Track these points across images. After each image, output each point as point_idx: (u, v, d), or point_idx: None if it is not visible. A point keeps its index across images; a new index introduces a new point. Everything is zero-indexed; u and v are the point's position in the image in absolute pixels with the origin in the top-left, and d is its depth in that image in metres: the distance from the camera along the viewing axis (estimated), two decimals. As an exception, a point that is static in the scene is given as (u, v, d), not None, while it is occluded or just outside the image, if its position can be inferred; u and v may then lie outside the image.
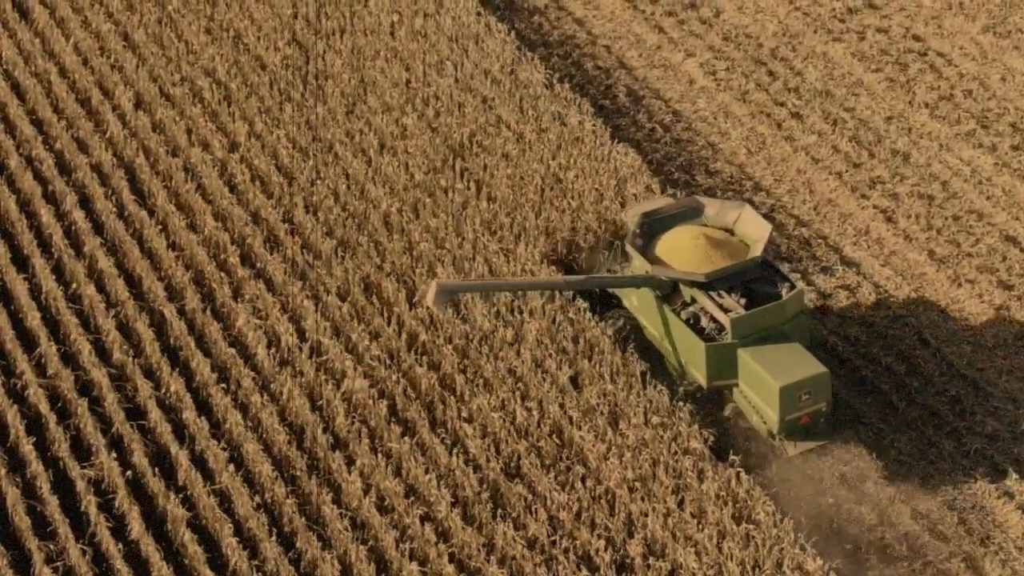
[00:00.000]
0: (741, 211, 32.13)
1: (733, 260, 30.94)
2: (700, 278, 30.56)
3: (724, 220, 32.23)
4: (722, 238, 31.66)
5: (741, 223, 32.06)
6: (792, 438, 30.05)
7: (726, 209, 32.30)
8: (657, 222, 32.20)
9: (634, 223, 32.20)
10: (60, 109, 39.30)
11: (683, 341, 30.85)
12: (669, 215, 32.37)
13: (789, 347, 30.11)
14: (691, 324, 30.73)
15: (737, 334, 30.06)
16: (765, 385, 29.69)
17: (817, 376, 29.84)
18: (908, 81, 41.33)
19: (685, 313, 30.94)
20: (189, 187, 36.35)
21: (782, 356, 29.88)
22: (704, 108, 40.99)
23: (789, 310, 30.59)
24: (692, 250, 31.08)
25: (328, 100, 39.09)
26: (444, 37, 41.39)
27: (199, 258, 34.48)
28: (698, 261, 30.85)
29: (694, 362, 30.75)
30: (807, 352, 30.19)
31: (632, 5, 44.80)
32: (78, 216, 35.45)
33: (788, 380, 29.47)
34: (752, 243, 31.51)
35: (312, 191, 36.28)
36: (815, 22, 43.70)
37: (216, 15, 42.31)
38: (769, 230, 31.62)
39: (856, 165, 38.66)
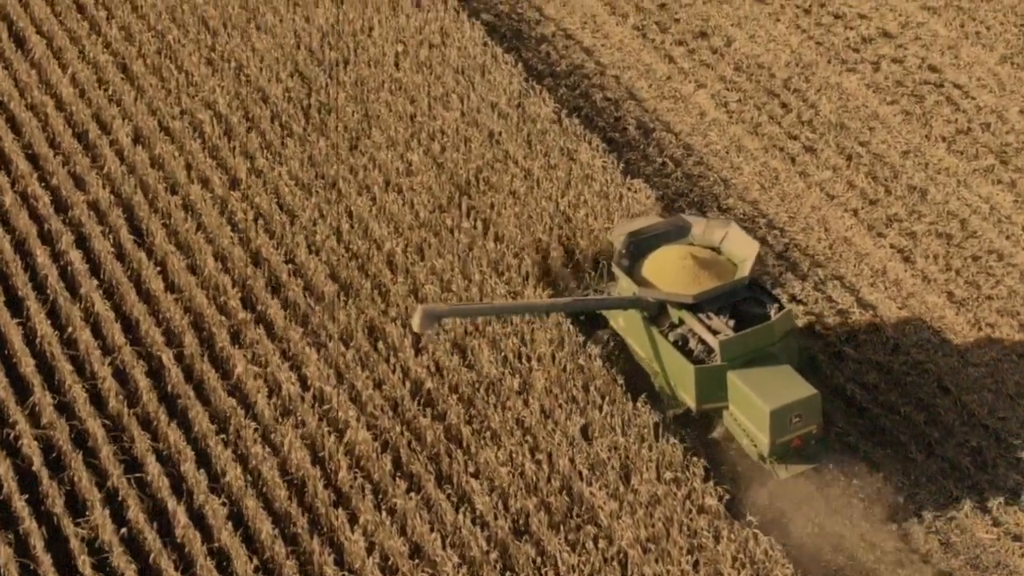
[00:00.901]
0: (728, 229, 31.72)
1: (721, 280, 30.52)
2: (688, 300, 30.16)
3: (711, 239, 31.75)
4: (709, 258, 31.15)
5: (728, 242, 31.59)
6: (783, 461, 29.71)
7: (713, 228, 31.88)
8: (643, 242, 31.73)
9: (620, 243, 31.66)
10: (57, 143, 38.39)
11: (671, 363, 30.39)
12: (655, 234, 31.93)
13: (779, 369, 29.74)
14: (679, 346, 30.27)
15: (726, 356, 29.60)
16: (755, 408, 29.26)
17: (807, 398, 29.45)
18: (924, 114, 40.39)
19: (673, 335, 30.50)
20: (189, 226, 35.44)
21: (772, 378, 29.50)
22: (716, 141, 40.06)
23: (778, 331, 30.17)
24: (679, 271, 30.65)
25: (331, 135, 38.17)
26: (449, 69, 40.48)
27: (198, 300, 33.57)
28: (685, 282, 30.45)
29: (683, 385, 30.27)
30: (797, 374, 29.81)
31: (641, 34, 43.87)
32: (75, 256, 34.55)
33: (778, 403, 29.09)
34: (740, 262, 31.07)
35: (315, 230, 35.35)
36: (828, 52, 42.78)
37: (217, 45, 41.41)
38: (756, 249, 31.14)
39: (872, 202, 37.71)
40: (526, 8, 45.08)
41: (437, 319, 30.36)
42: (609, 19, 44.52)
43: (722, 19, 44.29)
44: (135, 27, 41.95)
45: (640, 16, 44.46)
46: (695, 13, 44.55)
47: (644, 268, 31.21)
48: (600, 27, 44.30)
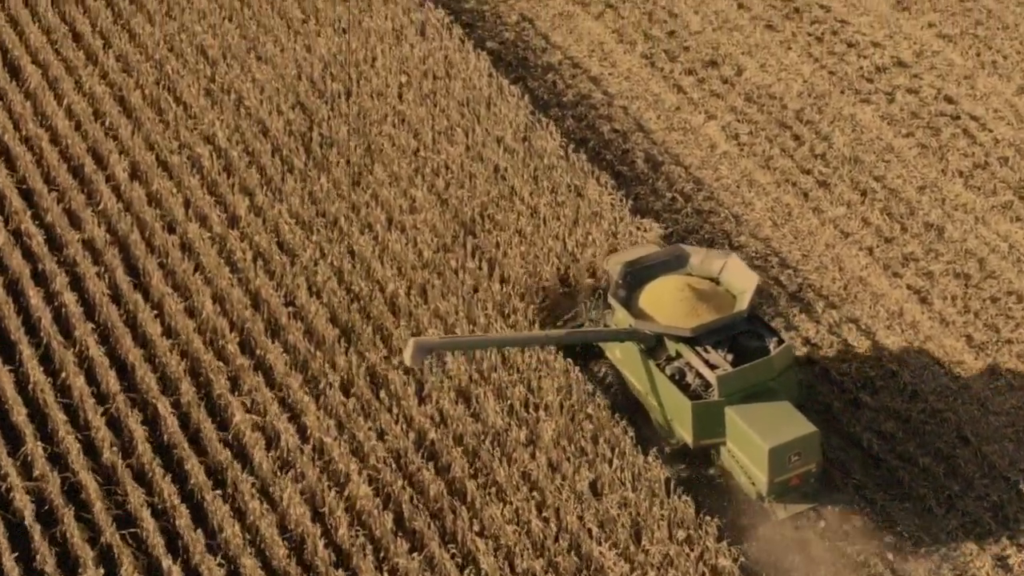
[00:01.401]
0: (727, 260, 31.12)
1: (719, 313, 29.94)
2: (685, 333, 29.56)
3: (709, 269, 31.15)
4: (708, 289, 30.52)
5: (727, 272, 30.99)
6: (782, 500, 29.15)
7: (711, 258, 31.30)
8: (640, 271, 31.11)
9: (617, 273, 31.04)
10: (52, 178, 37.45)
11: (669, 398, 29.76)
12: (653, 264, 31.31)
13: (778, 405, 29.12)
14: (676, 380, 29.68)
15: (724, 392, 29.04)
16: (754, 446, 28.66)
17: (807, 436, 28.80)
18: (940, 147, 39.41)
19: (670, 368, 29.92)
20: (186, 266, 34.49)
21: (771, 415, 28.88)
22: (727, 175, 39.08)
23: (777, 366, 29.57)
24: (677, 302, 30.07)
25: (333, 170, 37.21)
26: (454, 101, 39.51)
27: (195, 345, 32.62)
28: (683, 314, 29.86)
29: (680, 420, 29.64)
30: (796, 411, 29.22)
31: (650, 62, 42.90)
32: (69, 298, 33.61)
33: (777, 441, 28.48)
34: (738, 294, 30.49)
35: (315, 270, 34.39)
36: (842, 82, 41.79)
37: (217, 75, 40.44)
38: (756, 282, 30.55)
39: (888, 240, 36.73)
40: (532, 35, 44.12)
41: (429, 352, 29.52)
42: (617, 47, 43.55)
43: (732, 47, 43.33)
44: (132, 57, 41.00)
45: (648, 44, 43.49)
46: (705, 41, 43.59)
47: (641, 299, 30.60)
48: (607, 55, 43.33)
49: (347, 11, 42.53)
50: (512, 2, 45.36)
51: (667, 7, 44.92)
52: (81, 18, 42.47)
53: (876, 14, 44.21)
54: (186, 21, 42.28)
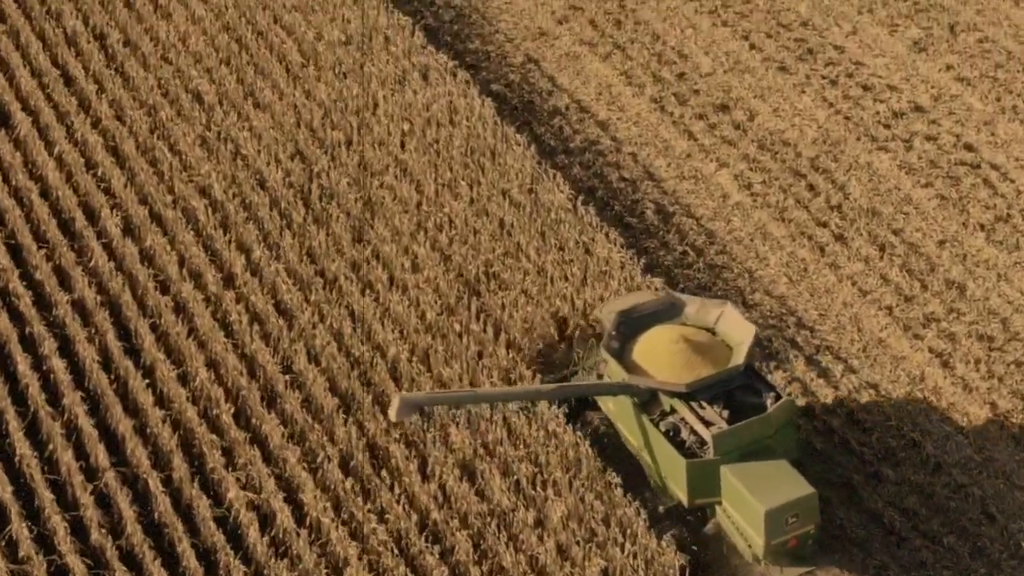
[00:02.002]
0: (723, 310, 30.36)
1: (715, 367, 29.14)
2: (680, 388, 28.79)
3: (705, 319, 30.38)
4: (703, 341, 29.70)
5: (723, 323, 30.22)
6: (779, 563, 28.22)
7: (707, 307, 30.54)
8: (635, 320, 30.25)
9: (610, 322, 30.19)
10: (41, 233, 36.17)
11: (663, 455, 28.95)
12: (647, 313, 30.49)
13: (775, 465, 28.34)
14: (671, 436, 28.82)
15: (720, 451, 28.25)
16: (750, 507, 27.89)
17: (805, 498, 27.99)
18: (961, 198, 38.11)
19: (664, 424, 29.09)
20: (180, 329, 33.21)
21: (768, 475, 28.13)
22: (739, 228, 37.77)
23: (775, 422, 28.73)
24: (672, 355, 29.30)
25: (332, 224, 35.92)
26: (458, 150, 38.22)
27: (188, 415, 31.35)
28: (678, 368, 29.06)
29: (674, 478, 28.86)
30: (794, 470, 28.44)
31: (659, 107, 41.59)
32: (57, 364, 32.34)
33: (774, 503, 27.70)
34: (735, 346, 29.71)
35: (314, 333, 33.10)
36: (858, 127, 40.48)
37: (213, 123, 39.16)
38: (752, 333, 29.72)
39: (908, 299, 35.43)
40: (538, 77, 42.83)
41: (416, 408, 28.60)
42: (625, 90, 42.24)
43: (744, 90, 42.02)
44: (126, 102, 39.71)
45: (658, 87, 42.19)
46: (715, 83, 42.28)
47: (635, 351, 29.77)
48: (616, 99, 42.02)
49: (348, 55, 41.25)
50: (518, 42, 44.09)
51: (676, 47, 43.63)
52: (73, 61, 41.21)
53: (892, 55, 42.91)
54: (181, 65, 41.00)
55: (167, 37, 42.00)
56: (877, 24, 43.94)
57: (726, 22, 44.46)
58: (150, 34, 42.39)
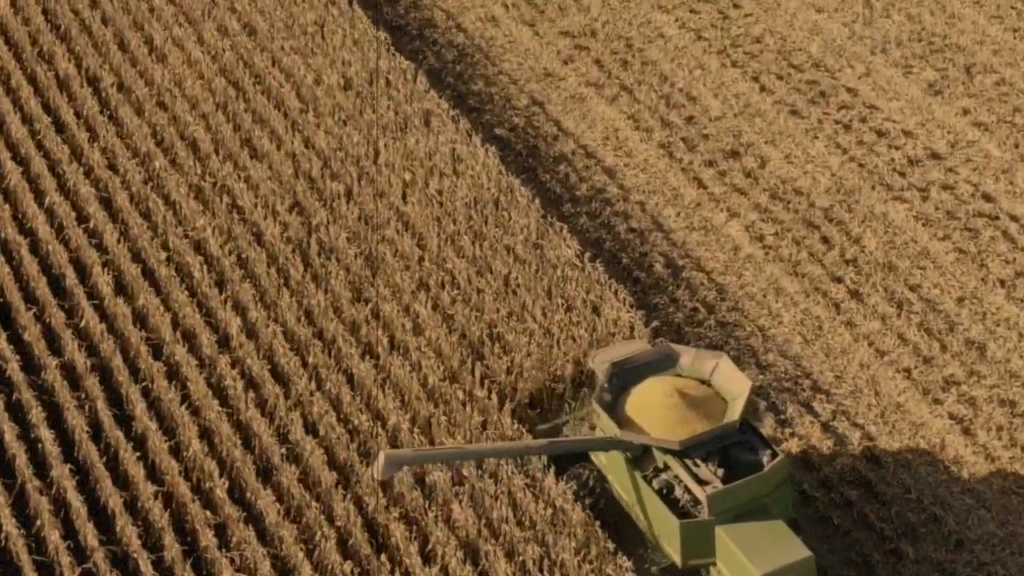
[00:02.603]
0: (718, 361, 29.57)
1: (710, 423, 28.39)
2: (674, 446, 27.99)
3: (700, 371, 29.64)
4: (698, 395, 28.95)
5: (718, 375, 29.46)
6: None
7: (702, 359, 29.72)
8: (628, 372, 29.52)
9: (603, 374, 29.44)
10: (31, 290, 35.01)
11: (656, 514, 28.35)
12: (641, 364, 29.72)
13: (771, 525, 27.62)
14: (664, 494, 28.25)
15: (715, 511, 27.58)
16: (744, 571, 27.16)
17: (801, 562, 27.19)
18: (980, 252, 36.93)
19: (658, 481, 28.53)
20: (172, 396, 32.03)
21: (763, 537, 27.38)
22: (751, 283, 36.60)
23: (771, 481, 28.07)
24: (665, 410, 28.58)
25: (332, 281, 34.74)
26: (461, 202, 37.04)
27: (180, 490, 30.17)
28: (672, 423, 28.36)
29: (668, 538, 28.22)
30: (790, 532, 27.69)
31: (667, 152, 40.42)
32: (45, 434, 31.15)
33: (770, 567, 26.95)
34: (730, 400, 28.95)
35: (312, 400, 31.93)
36: (872, 175, 39.30)
37: (208, 172, 38.00)
38: (748, 387, 28.89)
39: (927, 360, 34.24)
40: (543, 121, 41.67)
41: (401, 466, 27.93)
42: (632, 134, 41.07)
43: (755, 135, 40.85)
44: (119, 150, 38.53)
45: (666, 132, 41.01)
46: (725, 128, 41.11)
47: (628, 404, 29.02)
48: (623, 143, 40.86)
49: (347, 100, 40.08)
50: (522, 83, 42.94)
51: (685, 89, 42.46)
52: (65, 107, 40.05)
53: (907, 99, 41.73)
54: (177, 111, 39.83)
55: (162, 81, 40.84)
56: (891, 65, 42.77)
57: (736, 62, 43.31)
58: (144, 77, 41.26)
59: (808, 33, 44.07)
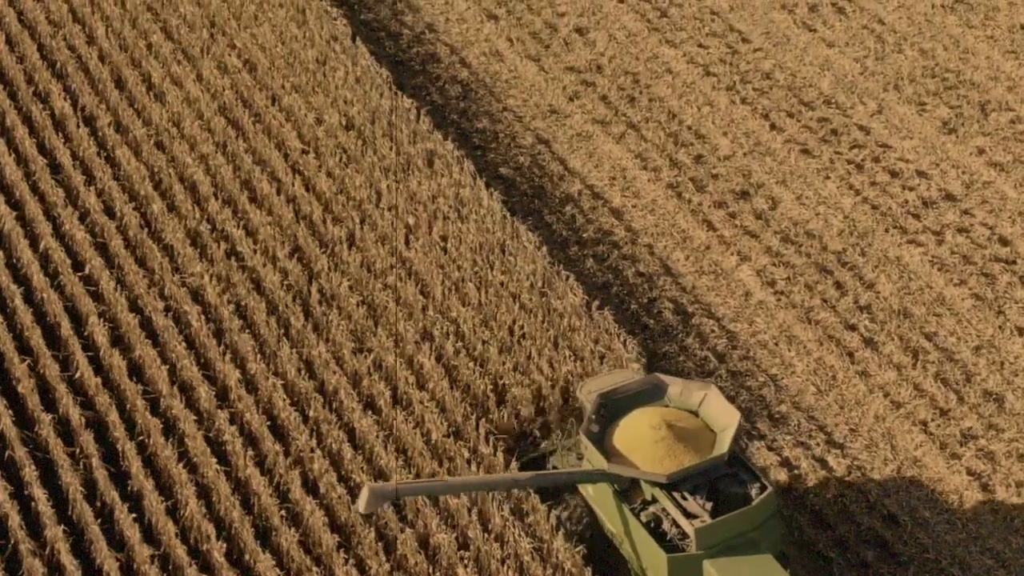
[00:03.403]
0: (707, 392, 29.42)
1: (698, 455, 28.23)
2: (662, 479, 27.87)
3: (688, 401, 29.48)
4: (687, 427, 28.69)
5: (707, 406, 29.29)
6: None
7: (690, 389, 29.59)
8: (616, 403, 29.31)
9: (591, 404, 29.20)
10: (24, 339, 34.16)
11: (644, 547, 28.10)
12: (629, 395, 29.51)
13: (759, 560, 27.37)
14: (652, 528, 28.03)
15: (703, 545, 27.37)
16: None
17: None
18: (996, 299, 36.06)
19: (645, 514, 28.32)
20: (169, 453, 31.16)
21: (751, 572, 27.19)
22: (763, 330, 35.73)
23: (760, 515, 27.90)
24: (653, 443, 28.31)
25: (333, 330, 33.88)
26: (466, 247, 36.19)
27: (177, 552, 29.28)
28: (660, 456, 28.18)
29: (655, 571, 27.96)
30: (778, 566, 27.47)
31: (676, 193, 39.56)
32: (39, 494, 30.27)
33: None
34: (719, 431, 28.78)
35: (312, 456, 31.07)
36: (886, 218, 38.43)
37: (207, 216, 37.14)
38: (737, 419, 28.61)
39: (943, 413, 33.38)
40: (549, 160, 40.81)
41: (386, 499, 27.59)
42: (640, 174, 40.21)
43: (765, 175, 39.99)
44: (116, 194, 37.68)
45: (674, 171, 40.16)
46: (735, 167, 40.26)
47: (615, 436, 28.78)
48: (630, 183, 40.00)
49: (349, 140, 39.24)
50: (527, 120, 42.09)
51: (693, 127, 41.62)
52: (61, 148, 39.19)
53: (920, 137, 40.88)
54: (175, 152, 38.99)
55: (160, 120, 40.02)
56: (904, 102, 41.93)
57: (745, 99, 42.47)
58: (142, 117, 40.43)
59: (819, 69, 43.24)
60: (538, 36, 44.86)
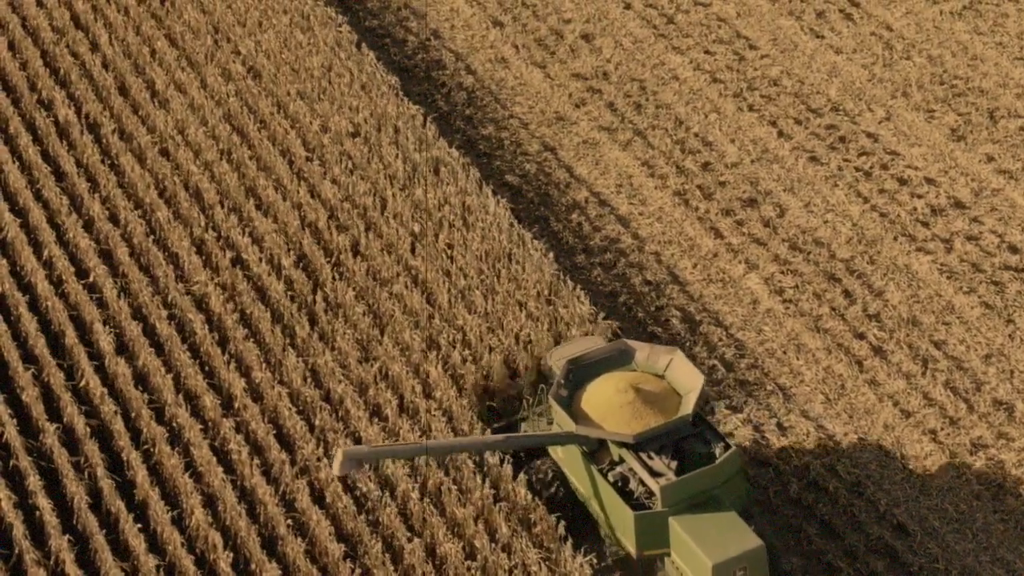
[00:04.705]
0: (672, 356, 30.29)
1: (664, 417, 29.02)
2: (628, 439, 28.55)
3: (655, 365, 30.34)
4: (652, 390, 29.51)
5: (672, 370, 30.17)
6: None
7: (657, 354, 30.45)
8: (584, 368, 30.15)
9: (560, 370, 29.99)
10: (29, 348, 33.98)
11: (611, 506, 28.83)
12: (596, 360, 30.30)
13: (723, 516, 28.16)
14: (619, 487, 28.70)
15: (668, 502, 28.14)
16: (698, 561, 27.67)
17: (752, 551, 27.73)
18: (1006, 307, 35.85)
19: (613, 474, 28.97)
20: (175, 462, 30.96)
21: (716, 527, 27.95)
22: (771, 339, 35.51)
23: (723, 473, 28.63)
24: (620, 405, 29.09)
25: (339, 340, 33.69)
26: (472, 255, 35.99)
27: (183, 563, 29.08)
28: (626, 418, 28.93)
29: (623, 529, 28.72)
30: (742, 522, 28.22)
31: (683, 200, 39.35)
32: (43, 503, 30.08)
33: (722, 557, 27.50)
34: (684, 394, 29.62)
35: (318, 466, 30.86)
36: (894, 225, 38.21)
37: (212, 224, 36.97)
38: (701, 382, 29.58)
39: (953, 422, 33.16)
40: (555, 167, 40.62)
41: (360, 462, 28.22)
42: (647, 181, 40.01)
43: (772, 182, 39.78)
44: (120, 201, 37.50)
45: (681, 179, 39.96)
46: (742, 175, 40.05)
47: (584, 400, 29.58)
48: (637, 191, 39.80)
49: (355, 148, 39.06)
50: (533, 128, 41.89)
51: (700, 134, 41.42)
52: (65, 155, 39.03)
53: (928, 144, 40.66)
54: (180, 159, 38.81)
55: (164, 127, 39.84)
56: (912, 109, 41.72)
57: (752, 106, 42.27)
58: (146, 124, 40.25)
59: (826, 75, 43.04)
60: (544, 43, 44.67)
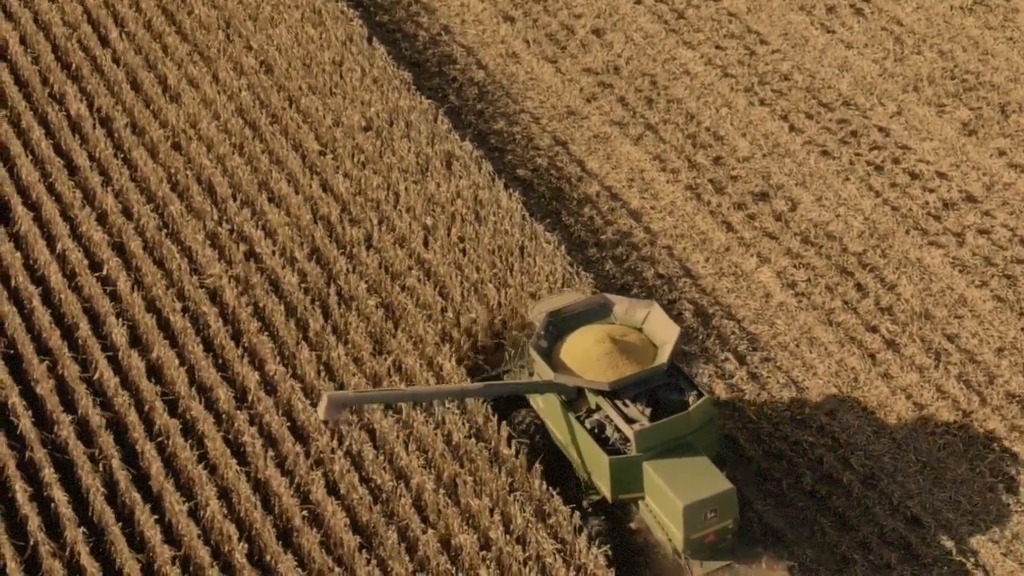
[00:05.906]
0: (650, 310, 31.32)
1: (640, 366, 30.02)
2: (604, 387, 29.64)
3: (633, 318, 31.30)
4: (629, 341, 30.48)
5: (650, 322, 31.10)
6: (698, 557, 29.00)
7: (635, 307, 31.45)
8: (564, 321, 31.13)
9: (540, 322, 31.00)
10: (43, 341, 34.03)
11: (588, 452, 29.83)
12: (576, 313, 31.33)
13: (695, 461, 29.20)
14: (596, 433, 29.72)
15: (642, 447, 29.17)
16: (670, 503, 28.73)
17: (723, 494, 28.77)
18: (1018, 300, 35.87)
19: (590, 421, 29.98)
20: (189, 455, 31.02)
21: (687, 471, 28.97)
22: (784, 332, 35.53)
23: (696, 420, 29.66)
24: (598, 356, 30.03)
25: (352, 333, 33.73)
26: (484, 249, 36.02)
27: (199, 554, 29.14)
28: (603, 367, 29.87)
29: (599, 474, 29.68)
30: (713, 467, 29.22)
31: (695, 194, 39.36)
32: (59, 496, 30.14)
33: (693, 499, 28.51)
34: (660, 345, 30.57)
35: (332, 458, 30.92)
36: (906, 219, 38.22)
37: (225, 218, 37.02)
38: (677, 333, 30.58)
39: (966, 414, 33.18)
40: (566, 161, 40.63)
41: (344, 407, 29.20)
42: (659, 176, 40.01)
43: (784, 176, 39.79)
44: (133, 195, 37.54)
45: (693, 173, 39.96)
46: (754, 169, 40.05)
47: (563, 351, 30.49)
48: (649, 185, 39.80)
49: (367, 141, 39.10)
50: (544, 122, 41.91)
51: (712, 128, 41.42)
52: (78, 149, 39.06)
53: (940, 139, 40.66)
54: (192, 153, 38.85)
55: (177, 121, 39.88)
56: (924, 104, 41.71)
57: (763, 100, 42.27)
58: (159, 118, 40.28)
59: (838, 70, 43.04)
60: (555, 38, 44.68)
